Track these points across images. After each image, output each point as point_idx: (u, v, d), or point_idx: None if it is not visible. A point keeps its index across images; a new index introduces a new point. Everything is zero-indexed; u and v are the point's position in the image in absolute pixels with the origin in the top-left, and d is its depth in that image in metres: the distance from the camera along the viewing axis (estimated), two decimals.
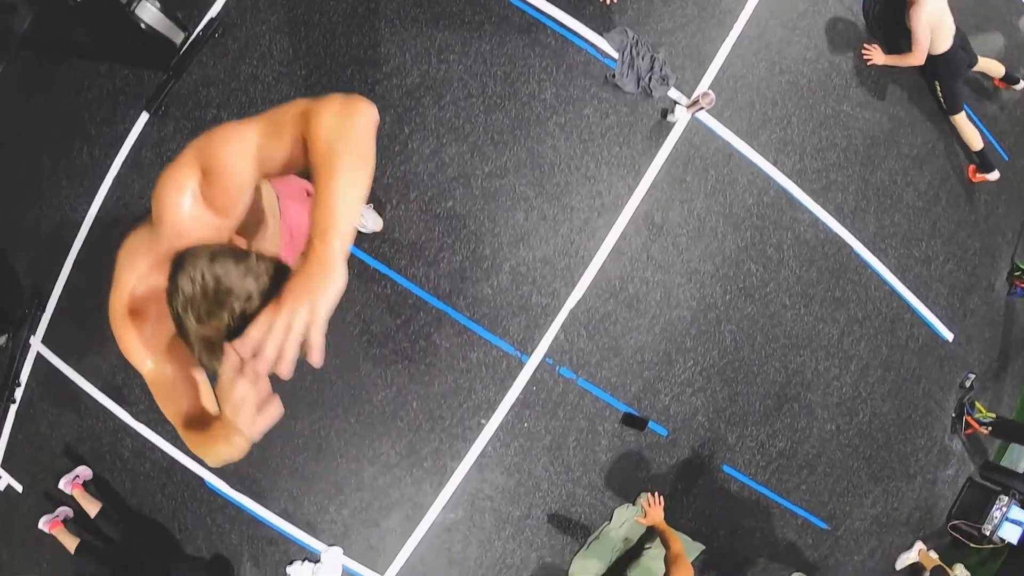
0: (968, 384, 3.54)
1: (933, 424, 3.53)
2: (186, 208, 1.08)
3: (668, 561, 2.68)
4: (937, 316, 3.40)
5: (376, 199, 2.82)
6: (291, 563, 3.14)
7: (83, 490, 3.15)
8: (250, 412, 0.92)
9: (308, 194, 1.85)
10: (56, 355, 3.12)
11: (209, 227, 1.11)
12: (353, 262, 2.84)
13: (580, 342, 2.89)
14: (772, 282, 3.05)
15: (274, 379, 0.86)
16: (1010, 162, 3.49)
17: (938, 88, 3.24)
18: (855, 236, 3.17)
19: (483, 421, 2.91)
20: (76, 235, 3.07)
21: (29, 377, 3.19)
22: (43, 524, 3.22)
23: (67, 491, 3.18)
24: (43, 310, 3.14)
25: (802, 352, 3.14)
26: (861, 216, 3.19)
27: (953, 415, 3.57)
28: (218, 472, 3.06)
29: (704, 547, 3.23)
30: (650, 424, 2.99)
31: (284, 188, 1.71)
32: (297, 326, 0.86)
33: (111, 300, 1.15)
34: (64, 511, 3.28)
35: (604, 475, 3.04)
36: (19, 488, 3.31)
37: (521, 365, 2.88)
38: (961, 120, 3.23)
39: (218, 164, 1.06)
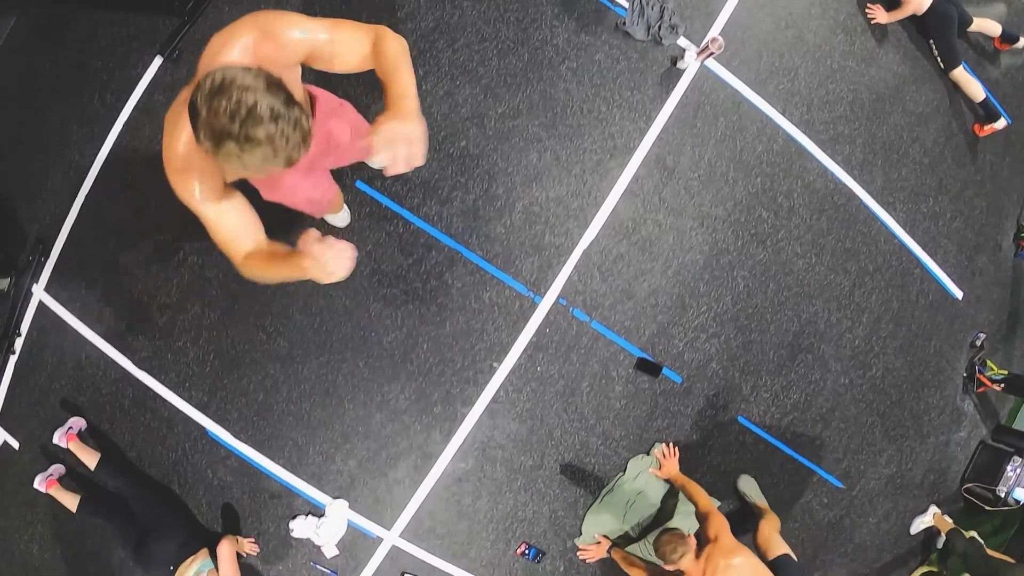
0: (979, 343, 3.51)
1: (945, 383, 3.49)
2: (234, 56, 1.36)
3: (700, 517, 2.58)
4: (946, 273, 3.39)
5: None
6: (294, 517, 3.02)
7: (79, 441, 3.03)
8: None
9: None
10: (58, 303, 3.04)
11: None
12: (364, 201, 2.81)
13: (593, 284, 2.86)
14: (783, 229, 3.04)
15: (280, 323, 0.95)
16: (1014, 125, 3.52)
17: (933, 47, 3.30)
18: (863, 188, 3.18)
19: (495, 364, 2.85)
20: (84, 180, 3.02)
21: (30, 327, 3.10)
22: (38, 484, 3.10)
23: (62, 445, 3.06)
24: (47, 256, 3.07)
25: (814, 302, 3.11)
26: (868, 169, 3.20)
27: (964, 374, 3.53)
28: (221, 421, 2.97)
29: (719, 503, 3.13)
30: (664, 370, 2.93)
31: (326, 105, 1.89)
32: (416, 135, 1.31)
33: (164, 156, 1.38)
34: (57, 468, 3.16)
35: (618, 423, 2.97)
36: (15, 445, 3.20)
37: (534, 306, 2.84)
38: (959, 74, 3.28)
39: (281, 30, 1.38)
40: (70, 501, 3.02)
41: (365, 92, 2.76)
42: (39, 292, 3.07)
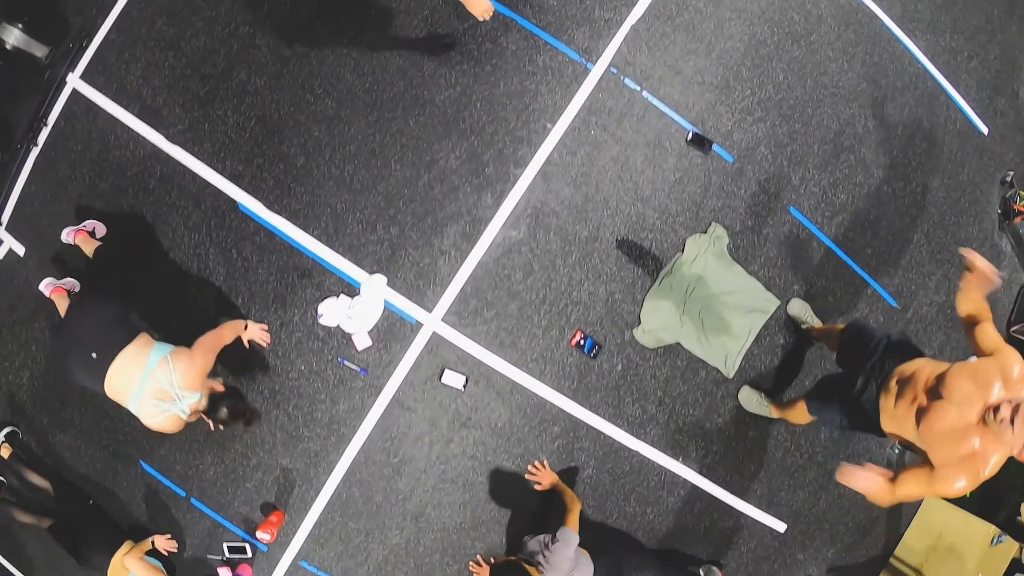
0: (1008, 180, 3.70)
1: (982, 216, 3.65)
2: None
3: None
4: (970, 106, 3.62)
5: None
6: (324, 300, 2.85)
7: (87, 235, 2.93)
8: None
9: None
10: (94, 88, 3.07)
11: None
12: None
13: (642, 57, 3.05)
14: (815, 33, 3.33)
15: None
16: None
17: None
18: (884, 12, 3.48)
19: (549, 125, 2.92)
20: None
21: (58, 116, 3.08)
22: (44, 286, 2.94)
23: (69, 241, 2.94)
24: (89, 43, 3.12)
25: (851, 105, 3.34)
26: None
27: (999, 211, 3.66)
28: (254, 192, 2.90)
29: (779, 302, 3.07)
30: (715, 147, 3.01)
31: None
32: None
33: None
34: (71, 282, 3.01)
35: (674, 197, 3.07)
36: (20, 251, 3.06)
37: (586, 72, 2.99)
38: None
39: None
40: None
41: None
42: (74, 80, 3.10)
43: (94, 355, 2.35)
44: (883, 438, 2.84)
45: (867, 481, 2.15)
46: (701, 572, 3.21)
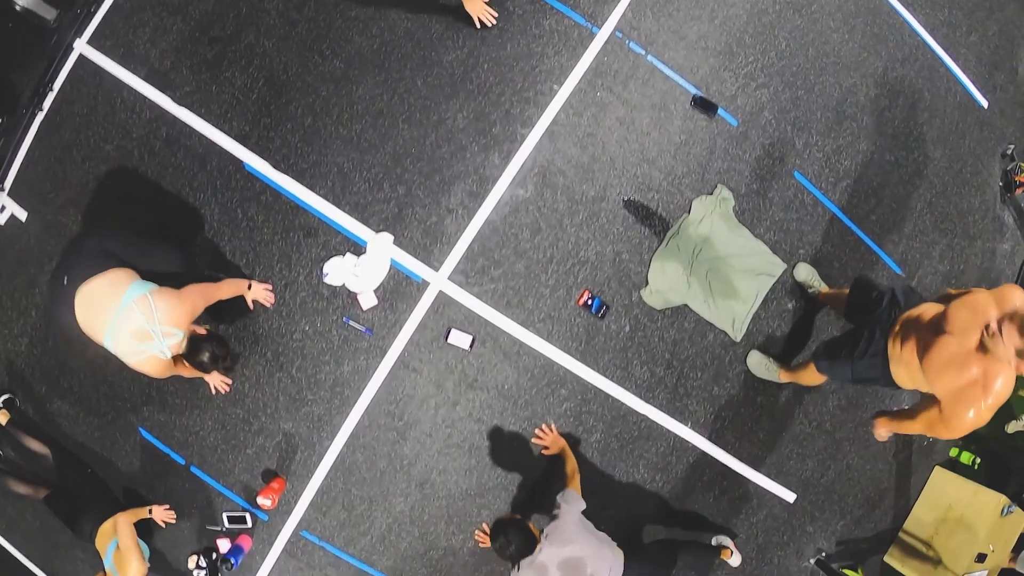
0: (1009, 153, 3.75)
1: (984, 188, 3.70)
2: None
3: None
4: (969, 80, 3.68)
5: None
6: (330, 259, 2.85)
7: None
8: None
9: None
10: (100, 52, 3.09)
11: None
12: None
13: (647, 22, 3.11)
14: (816, 3, 3.44)
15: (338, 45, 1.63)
16: None
17: None
18: None
19: (555, 87, 2.96)
20: None
21: (64, 82, 3.10)
22: None
23: None
24: (98, 7, 3.15)
25: (852, 74, 3.39)
26: None
27: (1000, 184, 3.70)
28: (261, 152, 2.92)
29: (785, 266, 3.08)
30: (720, 111, 3.04)
31: None
32: None
33: None
34: None
35: (679, 159, 3.11)
36: (22, 216, 3.06)
37: (592, 36, 3.05)
38: None
39: None
40: None
41: None
42: (80, 46, 3.13)
43: (65, 280, 2.32)
44: (896, 391, 2.86)
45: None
46: (713, 542, 3.18)
